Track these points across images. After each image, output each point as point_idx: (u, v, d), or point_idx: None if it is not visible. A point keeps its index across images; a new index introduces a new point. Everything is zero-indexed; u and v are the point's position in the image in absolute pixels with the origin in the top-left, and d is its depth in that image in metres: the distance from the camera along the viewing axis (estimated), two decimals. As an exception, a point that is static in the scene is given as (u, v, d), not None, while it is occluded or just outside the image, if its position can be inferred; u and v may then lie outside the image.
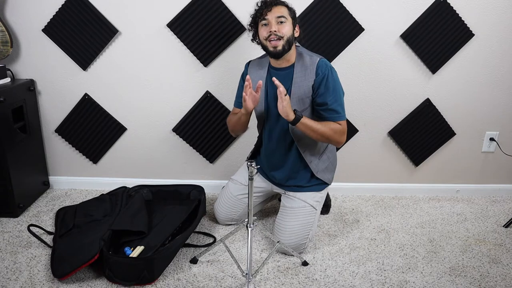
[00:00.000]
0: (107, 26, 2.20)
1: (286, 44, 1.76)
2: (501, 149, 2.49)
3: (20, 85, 2.20)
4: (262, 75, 1.90)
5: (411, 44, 2.25)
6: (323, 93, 1.79)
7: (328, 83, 1.78)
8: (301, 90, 1.81)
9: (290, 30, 1.77)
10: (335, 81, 1.81)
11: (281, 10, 1.76)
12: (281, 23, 1.75)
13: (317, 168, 1.95)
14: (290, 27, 1.77)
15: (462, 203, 2.50)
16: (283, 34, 1.74)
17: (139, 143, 2.45)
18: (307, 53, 1.85)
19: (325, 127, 1.78)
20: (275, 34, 1.74)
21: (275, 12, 1.75)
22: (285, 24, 1.75)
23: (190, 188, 2.30)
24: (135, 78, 2.31)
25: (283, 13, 1.76)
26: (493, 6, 2.20)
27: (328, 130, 1.79)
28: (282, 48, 1.76)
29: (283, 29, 1.75)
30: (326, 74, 1.78)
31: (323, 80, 1.78)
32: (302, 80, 1.81)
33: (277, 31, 1.74)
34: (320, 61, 1.80)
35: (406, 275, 1.80)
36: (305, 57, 1.83)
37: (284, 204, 1.97)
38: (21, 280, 1.70)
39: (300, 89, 1.81)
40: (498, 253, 1.98)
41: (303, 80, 1.80)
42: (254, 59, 1.99)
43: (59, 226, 2.03)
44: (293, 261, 1.87)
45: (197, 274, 1.77)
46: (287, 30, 1.75)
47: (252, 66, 1.96)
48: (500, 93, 2.38)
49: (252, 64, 1.97)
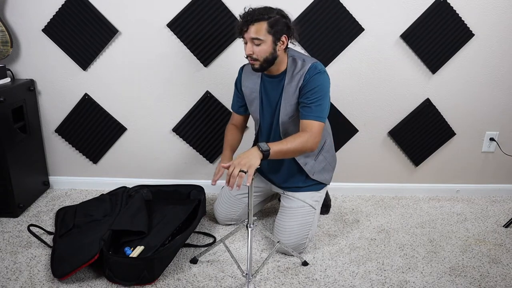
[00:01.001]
0: (107, 26, 2.20)
1: (264, 63, 1.73)
2: (501, 149, 2.49)
3: (20, 85, 2.20)
4: (256, 82, 1.89)
5: (411, 44, 2.25)
6: (306, 92, 1.76)
7: (313, 83, 1.75)
8: (292, 97, 1.79)
9: (267, 50, 1.70)
10: (320, 82, 1.75)
11: (258, 29, 1.67)
12: (257, 45, 1.69)
13: (313, 170, 1.94)
14: (268, 46, 1.70)
15: (462, 203, 2.50)
16: (258, 57, 1.71)
17: (139, 143, 2.45)
18: (300, 57, 1.81)
19: (294, 143, 1.70)
20: (250, 56, 1.72)
21: (251, 32, 1.68)
22: (262, 45, 1.69)
23: (190, 188, 2.30)
24: (135, 78, 2.31)
25: (260, 33, 1.67)
26: (493, 6, 2.20)
27: (297, 144, 1.70)
28: (259, 67, 1.75)
29: (257, 51, 1.70)
30: (312, 75, 1.75)
31: (309, 81, 1.75)
32: (292, 87, 1.78)
33: (252, 53, 1.71)
34: (311, 66, 1.77)
35: (406, 275, 1.80)
36: (298, 63, 1.79)
37: (283, 204, 1.97)
38: (21, 280, 1.70)
39: (290, 96, 1.79)
40: (498, 253, 1.98)
41: (293, 86, 1.78)
42: (248, 63, 1.95)
43: (59, 226, 2.03)
44: (293, 261, 1.87)
45: (197, 274, 1.77)
46: (263, 51, 1.70)
47: (246, 72, 1.94)
48: (500, 93, 2.38)
49: (246, 69, 1.95)
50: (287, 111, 1.82)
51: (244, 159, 1.57)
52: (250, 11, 1.70)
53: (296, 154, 1.77)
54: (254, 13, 1.68)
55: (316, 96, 1.74)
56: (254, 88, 1.90)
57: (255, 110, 1.93)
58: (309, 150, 1.76)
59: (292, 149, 1.70)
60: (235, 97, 2.04)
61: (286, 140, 1.72)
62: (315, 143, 1.75)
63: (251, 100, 1.93)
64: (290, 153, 1.73)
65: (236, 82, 2.01)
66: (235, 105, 2.04)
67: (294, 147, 1.70)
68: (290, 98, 1.80)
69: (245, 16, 1.69)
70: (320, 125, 1.75)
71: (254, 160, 1.58)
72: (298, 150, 1.73)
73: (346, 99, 2.36)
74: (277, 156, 1.67)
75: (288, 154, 1.72)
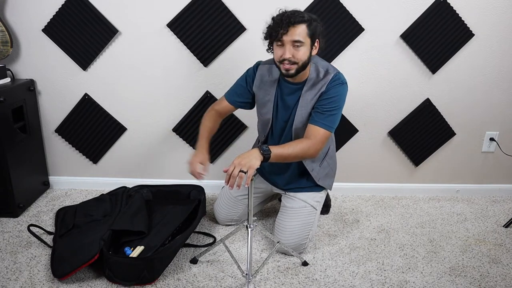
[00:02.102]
0: (107, 26, 2.20)
1: (301, 68, 1.68)
2: (501, 149, 2.49)
3: (20, 85, 2.20)
4: (272, 85, 1.84)
5: (411, 44, 2.25)
6: (324, 99, 1.74)
7: (333, 92, 1.73)
8: (309, 104, 1.77)
9: (306, 53, 1.66)
10: (340, 93, 1.74)
11: (299, 32, 1.61)
12: (297, 47, 1.63)
13: (318, 176, 1.94)
14: (307, 49, 1.66)
15: (462, 203, 2.50)
16: (298, 60, 1.65)
17: (139, 143, 2.45)
18: (323, 67, 1.77)
19: (295, 148, 1.69)
20: (289, 60, 1.65)
21: (291, 35, 1.61)
22: (302, 48, 1.63)
23: (190, 188, 2.30)
24: (135, 78, 2.31)
25: (300, 35, 1.61)
26: (493, 6, 2.20)
27: (298, 150, 1.69)
28: (295, 72, 1.68)
29: (298, 55, 1.64)
30: (335, 85, 1.73)
31: (329, 90, 1.73)
32: (311, 94, 1.76)
33: (292, 57, 1.64)
34: (335, 76, 1.74)
35: (406, 275, 1.80)
36: (320, 72, 1.75)
37: (285, 204, 1.97)
38: (21, 280, 1.70)
39: (308, 103, 1.77)
40: (498, 253, 1.98)
41: (312, 94, 1.76)
42: (265, 62, 1.89)
43: (59, 226, 2.03)
44: (293, 261, 1.87)
45: (197, 274, 1.77)
46: (303, 54, 1.65)
47: (262, 71, 1.88)
48: (500, 93, 2.38)
49: (262, 68, 1.88)
50: (302, 118, 1.79)
51: (245, 159, 1.57)
52: (288, 12, 1.64)
53: (296, 159, 1.78)
54: (294, 15, 1.61)
55: (332, 106, 1.73)
56: (270, 91, 1.85)
57: (266, 113, 1.89)
58: (309, 157, 1.76)
59: (293, 154, 1.70)
60: (237, 89, 1.94)
61: (288, 144, 1.72)
62: (316, 151, 1.74)
63: (264, 103, 1.88)
64: (290, 158, 1.73)
65: (247, 76, 1.92)
66: (234, 97, 1.94)
67: (295, 152, 1.70)
68: (307, 105, 1.77)
69: (285, 18, 1.61)
70: (326, 133, 1.74)
71: (254, 161, 1.57)
72: (299, 156, 1.73)
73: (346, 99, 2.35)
74: (277, 159, 1.67)
75: (288, 159, 1.72)
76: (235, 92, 1.96)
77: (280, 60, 1.67)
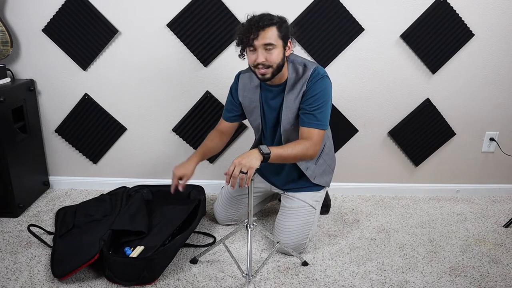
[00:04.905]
0: (107, 26, 2.20)
1: (276, 70, 1.67)
2: (501, 149, 2.49)
3: (20, 85, 2.20)
4: (255, 92, 1.86)
5: (411, 44, 2.25)
6: (308, 98, 1.73)
7: (315, 89, 1.72)
8: (293, 104, 1.77)
9: (279, 55, 1.65)
10: (323, 88, 1.72)
11: (269, 35, 1.60)
12: (269, 50, 1.62)
13: (314, 174, 1.94)
14: (280, 51, 1.65)
15: (462, 203, 2.50)
16: (272, 63, 1.64)
17: (139, 143, 2.45)
18: (300, 63, 1.76)
19: (294, 149, 1.69)
20: (263, 64, 1.64)
21: (262, 39, 1.60)
22: (274, 51, 1.63)
23: (190, 188, 2.30)
24: (135, 78, 2.31)
25: (271, 38, 1.61)
26: (493, 6, 2.20)
27: (298, 151, 1.69)
28: (271, 75, 1.68)
29: (271, 58, 1.63)
30: (315, 81, 1.72)
31: (311, 87, 1.73)
32: (294, 94, 1.76)
33: (266, 60, 1.63)
34: (313, 71, 1.72)
35: (406, 275, 1.80)
36: (298, 70, 1.74)
37: (284, 204, 1.97)
38: (21, 280, 1.70)
39: (292, 103, 1.77)
40: (498, 253, 1.98)
41: (294, 93, 1.76)
42: (245, 70, 1.91)
43: (59, 226, 2.03)
44: (293, 261, 1.87)
45: (197, 274, 1.77)
46: (276, 57, 1.64)
47: (243, 79, 1.89)
48: (500, 93, 2.38)
49: (243, 77, 1.90)
50: (289, 119, 1.80)
51: (245, 159, 1.57)
52: (257, 17, 1.63)
53: (296, 160, 1.78)
54: (262, 19, 1.61)
55: (318, 103, 1.72)
56: (254, 98, 1.87)
57: (255, 119, 1.91)
58: (308, 158, 1.77)
59: (292, 155, 1.70)
60: (228, 105, 1.98)
61: (287, 145, 1.72)
62: (315, 152, 1.75)
63: (251, 110, 1.90)
64: (290, 159, 1.73)
65: (232, 90, 1.95)
66: (226, 113, 1.99)
67: (294, 153, 1.70)
68: (292, 105, 1.77)
69: (253, 23, 1.61)
70: (321, 132, 1.74)
71: (254, 161, 1.58)
72: (299, 157, 1.74)
73: (346, 99, 2.36)
74: (277, 160, 1.67)
75: (288, 159, 1.72)
76: (226, 109, 2.00)
77: (255, 64, 1.67)
